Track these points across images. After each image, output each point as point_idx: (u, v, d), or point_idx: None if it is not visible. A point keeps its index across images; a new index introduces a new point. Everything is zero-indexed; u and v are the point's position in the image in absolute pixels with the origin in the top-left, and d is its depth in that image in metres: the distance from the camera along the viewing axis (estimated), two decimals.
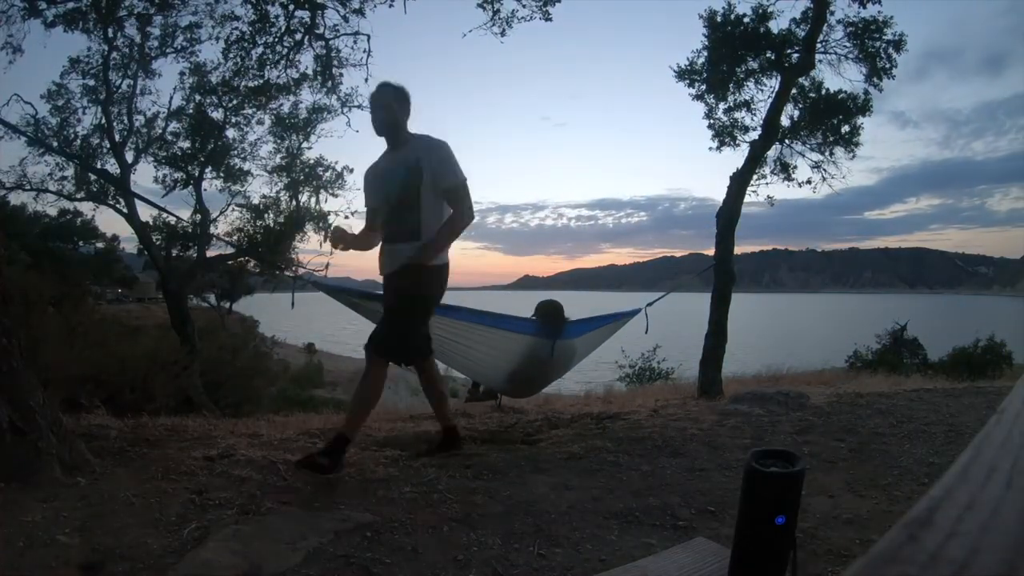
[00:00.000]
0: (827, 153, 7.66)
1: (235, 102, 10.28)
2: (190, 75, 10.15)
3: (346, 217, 11.62)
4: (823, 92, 7.48)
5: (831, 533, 1.93)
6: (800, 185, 7.88)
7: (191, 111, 10.57)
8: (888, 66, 7.00)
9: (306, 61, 9.31)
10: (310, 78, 9.47)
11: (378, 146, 2.87)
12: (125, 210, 10.67)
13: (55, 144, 9.91)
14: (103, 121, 10.06)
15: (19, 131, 6.57)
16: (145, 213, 11.00)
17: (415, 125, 2.82)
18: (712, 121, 7.88)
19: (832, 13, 6.84)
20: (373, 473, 2.61)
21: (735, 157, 8.13)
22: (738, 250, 6.74)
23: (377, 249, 2.91)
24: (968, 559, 0.35)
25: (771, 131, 6.86)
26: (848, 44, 7.03)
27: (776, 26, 7.14)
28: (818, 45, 6.83)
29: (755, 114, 7.65)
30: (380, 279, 2.91)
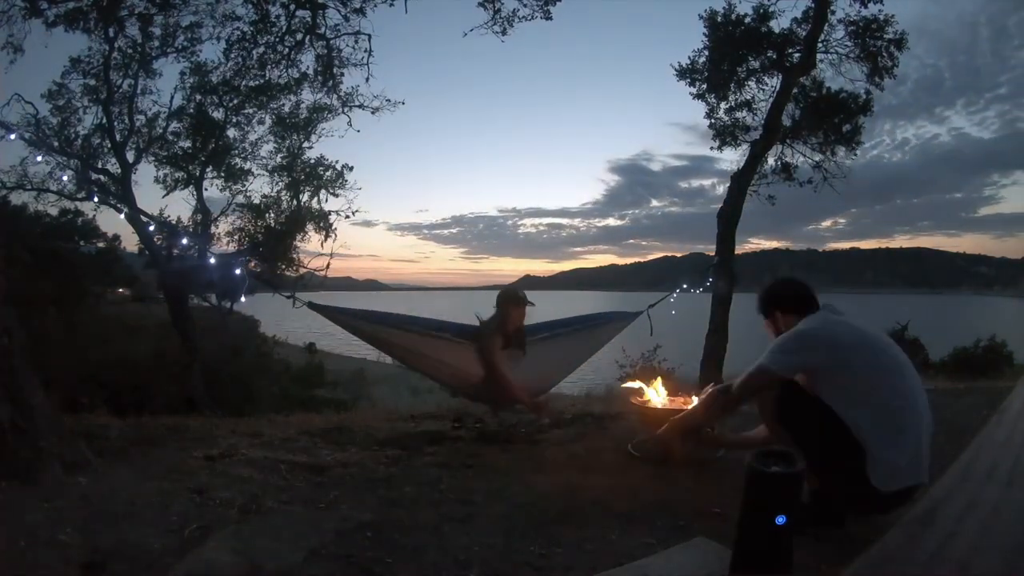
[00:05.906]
0: (828, 152, 7.67)
1: (236, 102, 10.29)
2: (191, 75, 10.13)
3: (347, 217, 11.61)
4: (824, 91, 7.49)
5: (832, 533, 1.93)
6: (801, 185, 7.90)
7: (192, 111, 10.55)
8: (890, 65, 7.00)
9: (307, 61, 9.34)
10: (311, 78, 9.49)
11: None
12: (125, 209, 10.67)
13: (56, 144, 9.91)
14: (104, 121, 10.06)
15: (13, 130, 6.54)
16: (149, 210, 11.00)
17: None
18: (713, 121, 7.88)
19: (833, 12, 6.85)
20: (374, 473, 2.62)
21: (736, 156, 8.14)
22: (738, 250, 6.72)
23: None
24: (969, 558, 0.35)
25: (772, 131, 6.86)
26: (849, 43, 7.04)
27: (777, 26, 7.16)
28: (819, 44, 6.83)
29: (756, 114, 7.66)
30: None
